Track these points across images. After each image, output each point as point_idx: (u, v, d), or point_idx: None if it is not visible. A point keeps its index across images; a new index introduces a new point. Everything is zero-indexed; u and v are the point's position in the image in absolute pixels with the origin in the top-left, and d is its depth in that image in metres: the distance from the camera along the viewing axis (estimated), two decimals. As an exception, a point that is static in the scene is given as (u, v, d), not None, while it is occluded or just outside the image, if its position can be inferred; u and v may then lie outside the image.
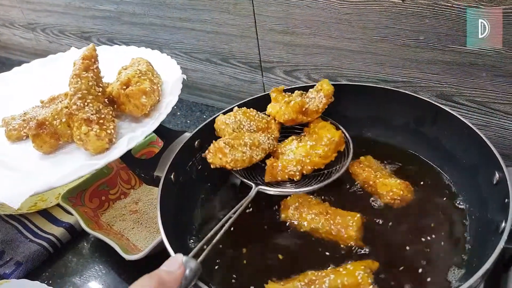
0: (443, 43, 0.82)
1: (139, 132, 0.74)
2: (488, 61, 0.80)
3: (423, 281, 0.62)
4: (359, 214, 0.69)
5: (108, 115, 0.74)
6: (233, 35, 1.10)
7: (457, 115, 0.74)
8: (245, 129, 0.78)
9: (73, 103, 0.73)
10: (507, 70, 0.79)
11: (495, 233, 0.58)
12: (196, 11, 1.11)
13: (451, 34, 0.80)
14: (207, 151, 0.73)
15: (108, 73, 0.82)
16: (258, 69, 1.13)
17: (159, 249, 0.76)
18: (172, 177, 0.74)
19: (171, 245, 0.61)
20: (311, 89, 0.82)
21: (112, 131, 0.73)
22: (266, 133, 0.78)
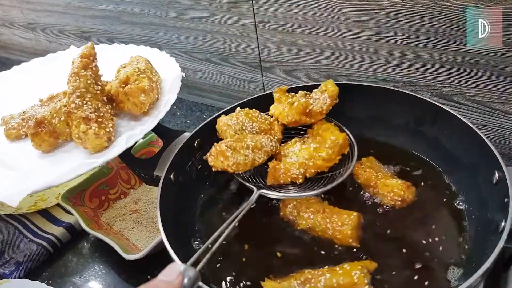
0: (443, 42, 0.82)
1: (138, 130, 0.74)
2: (488, 61, 0.80)
3: (422, 280, 0.62)
4: (355, 213, 0.69)
5: (106, 113, 0.74)
6: (233, 35, 1.10)
7: (457, 114, 0.74)
8: (248, 130, 0.77)
9: (71, 102, 0.73)
10: (507, 69, 0.79)
11: (495, 232, 0.58)
12: (196, 10, 1.11)
13: (451, 33, 0.80)
14: (209, 154, 0.71)
15: (107, 71, 0.82)
16: (258, 68, 1.13)
17: (159, 249, 0.76)
18: (171, 176, 0.74)
19: (171, 245, 0.61)
20: (315, 90, 0.79)
21: (111, 129, 0.73)
22: (268, 135, 0.76)
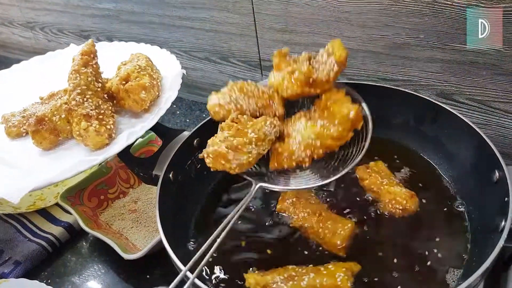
0: (443, 41, 0.82)
1: (139, 127, 0.74)
2: (488, 60, 0.79)
3: (422, 280, 0.62)
4: (350, 223, 0.67)
5: (107, 110, 0.74)
6: (232, 34, 1.09)
7: (457, 113, 0.74)
8: (244, 108, 0.67)
9: (72, 99, 0.73)
10: (507, 68, 0.79)
11: (495, 231, 0.58)
12: (195, 9, 1.11)
13: (451, 32, 0.80)
14: (206, 155, 0.63)
15: (107, 68, 0.82)
16: (257, 67, 1.12)
17: (158, 249, 0.75)
18: (171, 176, 0.74)
19: (170, 244, 0.61)
20: (322, 50, 0.67)
21: (111, 126, 0.73)
22: (269, 115, 0.67)
